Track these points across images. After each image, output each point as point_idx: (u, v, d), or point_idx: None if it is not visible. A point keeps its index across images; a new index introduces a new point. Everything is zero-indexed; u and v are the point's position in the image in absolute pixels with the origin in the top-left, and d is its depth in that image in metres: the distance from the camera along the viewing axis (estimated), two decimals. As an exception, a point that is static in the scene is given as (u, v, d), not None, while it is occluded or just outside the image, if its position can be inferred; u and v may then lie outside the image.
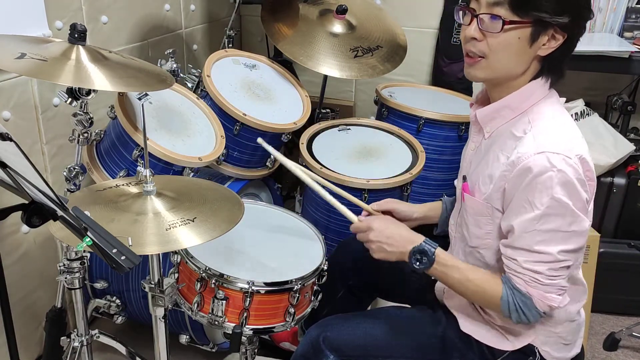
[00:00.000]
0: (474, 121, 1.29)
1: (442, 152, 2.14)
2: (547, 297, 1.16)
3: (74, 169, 1.50)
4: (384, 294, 1.58)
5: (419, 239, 1.27)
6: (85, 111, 1.45)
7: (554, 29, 1.11)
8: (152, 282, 1.23)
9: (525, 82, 1.18)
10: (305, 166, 1.91)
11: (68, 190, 1.51)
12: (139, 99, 1.69)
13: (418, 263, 1.25)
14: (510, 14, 1.10)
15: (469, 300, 1.29)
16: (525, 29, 1.11)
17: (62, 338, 1.64)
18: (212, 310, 1.34)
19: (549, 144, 1.11)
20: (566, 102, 2.30)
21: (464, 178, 1.30)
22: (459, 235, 1.36)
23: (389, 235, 1.29)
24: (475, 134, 1.31)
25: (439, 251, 1.25)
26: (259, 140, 1.49)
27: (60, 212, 0.86)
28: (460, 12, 1.19)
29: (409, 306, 1.43)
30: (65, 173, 1.50)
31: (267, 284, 1.33)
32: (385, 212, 1.45)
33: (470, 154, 1.32)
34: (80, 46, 1.32)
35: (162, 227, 1.10)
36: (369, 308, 1.71)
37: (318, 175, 1.54)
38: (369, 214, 1.44)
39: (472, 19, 1.15)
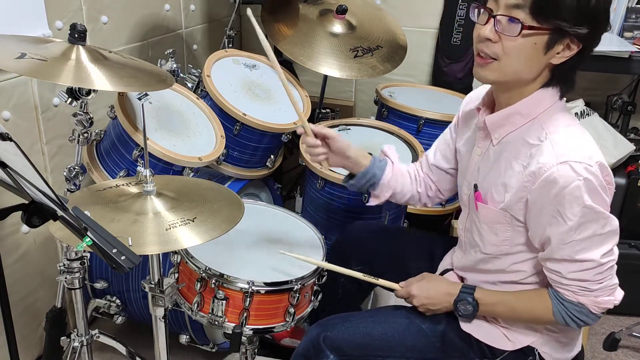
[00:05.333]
0: (481, 127, 1.27)
1: (442, 152, 2.14)
2: (599, 302, 1.17)
3: (74, 169, 1.50)
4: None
5: (456, 290, 1.30)
6: (85, 111, 1.45)
7: (570, 39, 1.09)
8: (152, 282, 1.23)
9: (535, 89, 1.17)
10: (308, 168, 1.91)
11: (68, 190, 1.51)
12: (139, 99, 1.69)
13: (464, 312, 1.29)
14: (530, 18, 1.07)
15: (523, 324, 1.29)
16: (543, 36, 1.09)
17: (62, 338, 1.64)
18: (212, 310, 1.34)
19: (570, 152, 1.10)
20: (566, 102, 2.32)
21: (475, 187, 1.28)
22: (469, 240, 1.35)
23: (428, 296, 1.33)
24: (481, 140, 1.29)
25: (479, 294, 1.28)
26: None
27: (60, 212, 0.85)
28: (476, 11, 1.15)
29: (410, 305, 1.42)
30: (65, 173, 1.50)
31: (267, 284, 1.33)
32: (320, 137, 1.40)
33: (477, 160, 1.29)
34: (80, 46, 1.32)
35: (162, 227, 1.10)
36: (370, 299, 1.70)
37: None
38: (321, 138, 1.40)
39: (489, 19, 1.11)
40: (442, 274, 1.46)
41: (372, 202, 1.51)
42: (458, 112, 1.45)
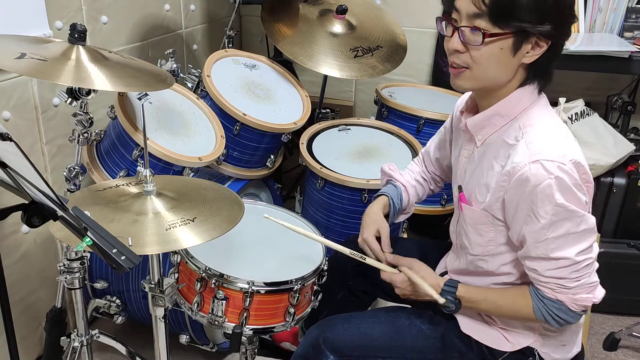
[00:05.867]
0: (464, 130, 1.28)
1: (442, 152, 2.14)
2: (577, 300, 1.16)
3: (74, 169, 1.50)
4: (384, 294, 1.58)
5: (439, 286, 1.29)
6: (85, 111, 1.45)
7: (537, 37, 1.10)
8: (152, 282, 1.23)
9: (513, 89, 1.18)
10: (308, 168, 1.92)
11: (68, 190, 1.51)
12: (139, 99, 1.69)
13: (447, 309, 1.29)
14: (491, 25, 1.08)
15: (517, 321, 1.29)
16: (507, 40, 1.09)
17: (62, 338, 1.64)
18: (212, 310, 1.34)
19: (543, 151, 1.11)
20: (566, 102, 2.32)
21: (460, 188, 1.30)
22: (460, 243, 1.36)
23: (412, 290, 1.33)
24: (466, 142, 1.30)
25: (461, 292, 1.28)
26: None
27: (60, 212, 0.86)
28: (443, 23, 1.18)
29: (409, 306, 1.43)
30: (65, 173, 1.50)
31: (267, 284, 1.33)
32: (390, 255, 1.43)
33: (464, 162, 1.31)
34: (80, 46, 1.32)
35: (162, 227, 1.10)
36: (369, 308, 1.71)
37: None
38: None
39: (454, 31, 1.14)
40: None
41: (401, 218, 1.56)
42: (452, 113, 1.46)
